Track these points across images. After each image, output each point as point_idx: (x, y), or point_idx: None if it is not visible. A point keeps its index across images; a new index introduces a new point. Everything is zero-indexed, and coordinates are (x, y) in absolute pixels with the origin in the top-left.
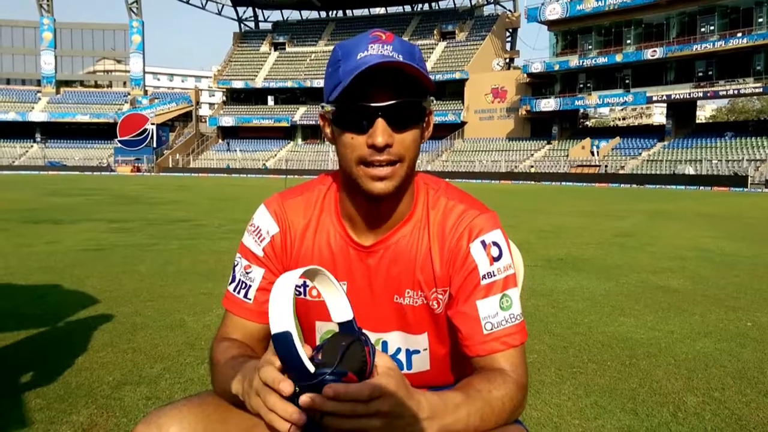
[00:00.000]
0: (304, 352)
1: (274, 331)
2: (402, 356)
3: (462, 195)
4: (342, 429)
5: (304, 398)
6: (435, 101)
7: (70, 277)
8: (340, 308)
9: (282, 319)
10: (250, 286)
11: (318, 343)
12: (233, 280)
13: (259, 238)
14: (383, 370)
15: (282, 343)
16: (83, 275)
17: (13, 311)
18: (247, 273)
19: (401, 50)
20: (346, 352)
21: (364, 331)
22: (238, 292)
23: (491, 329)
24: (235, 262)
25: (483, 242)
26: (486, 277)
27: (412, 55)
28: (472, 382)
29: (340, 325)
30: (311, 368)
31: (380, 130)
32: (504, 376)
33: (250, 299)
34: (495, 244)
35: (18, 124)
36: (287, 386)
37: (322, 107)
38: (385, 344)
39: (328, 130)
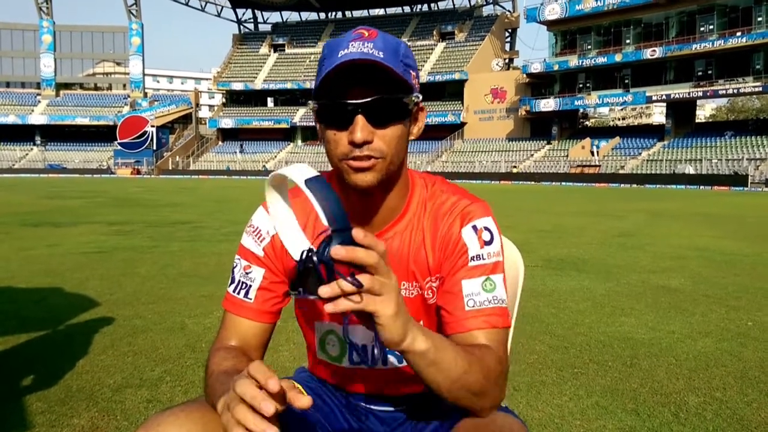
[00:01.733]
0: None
1: (305, 177)
2: None
3: (455, 188)
4: (370, 292)
5: (338, 249)
6: (421, 97)
7: (71, 279)
8: (335, 214)
9: (308, 169)
10: (250, 286)
11: (317, 340)
12: (233, 282)
13: (258, 238)
14: None
15: (319, 184)
16: (84, 278)
17: (15, 314)
18: (247, 273)
19: (383, 47)
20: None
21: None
22: (238, 293)
23: (473, 306)
24: (234, 264)
25: (474, 227)
26: (474, 258)
27: (396, 52)
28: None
29: (335, 230)
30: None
31: (359, 127)
32: (483, 347)
33: (251, 299)
34: (486, 229)
35: (18, 127)
36: (268, 406)
37: (310, 103)
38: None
39: (318, 126)
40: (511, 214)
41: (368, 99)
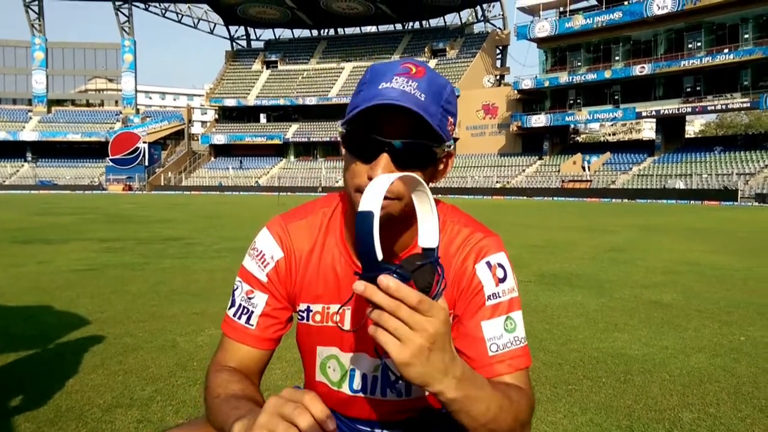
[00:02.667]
0: (378, 238)
1: (360, 208)
2: None
3: (467, 218)
4: (384, 327)
5: (358, 284)
6: (452, 145)
7: (61, 297)
8: (429, 233)
9: (372, 200)
10: (252, 311)
11: (318, 363)
12: (233, 305)
13: (262, 263)
14: (441, 304)
15: (363, 220)
16: (74, 295)
17: (4, 332)
18: (250, 298)
19: (427, 89)
20: (417, 268)
21: (441, 263)
22: (239, 318)
23: (497, 351)
24: (235, 286)
25: (488, 263)
26: (491, 297)
27: (438, 96)
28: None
29: (424, 250)
30: (380, 255)
31: (381, 165)
32: (518, 389)
33: (252, 325)
34: (500, 265)
35: (9, 144)
36: None
37: (338, 128)
38: (386, 368)
39: (342, 150)
40: (504, 229)
41: (398, 140)
